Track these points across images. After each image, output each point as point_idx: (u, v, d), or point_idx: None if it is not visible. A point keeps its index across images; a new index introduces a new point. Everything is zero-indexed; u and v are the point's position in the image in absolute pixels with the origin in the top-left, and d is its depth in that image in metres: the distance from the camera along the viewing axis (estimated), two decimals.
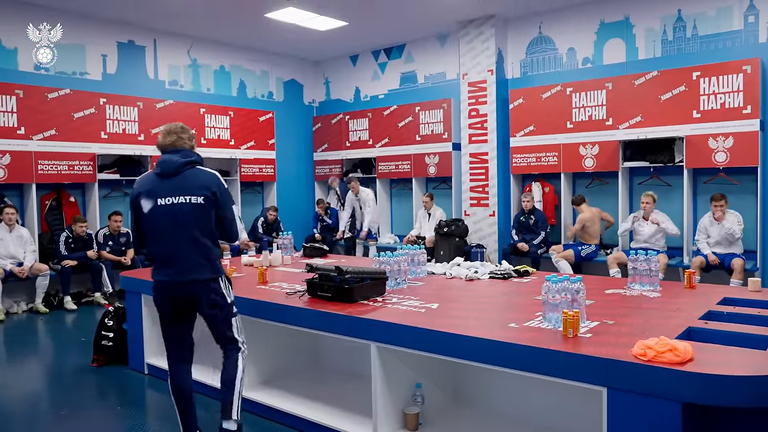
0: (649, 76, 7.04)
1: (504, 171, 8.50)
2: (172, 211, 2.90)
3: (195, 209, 2.91)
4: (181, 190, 2.91)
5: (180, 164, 2.94)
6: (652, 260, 3.59)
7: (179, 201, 2.90)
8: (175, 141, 3.01)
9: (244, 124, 9.43)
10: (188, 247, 2.90)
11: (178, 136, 3.02)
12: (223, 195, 2.98)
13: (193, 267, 2.91)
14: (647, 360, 2.16)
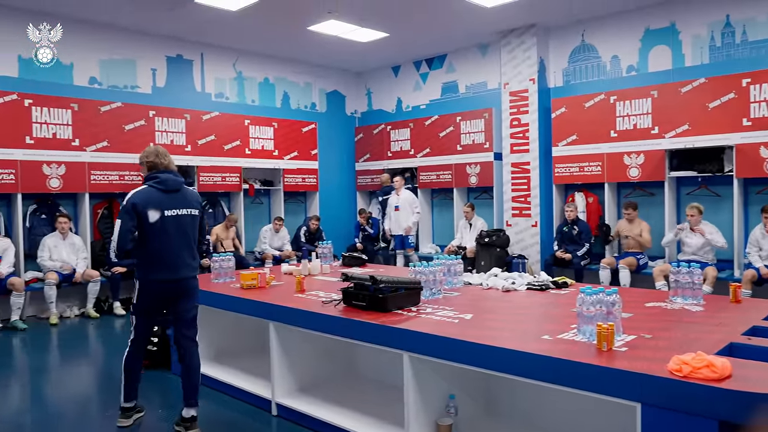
0: (697, 84, 6.85)
1: (546, 181, 8.40)
2: (177, 221, 3.46)
3: (193, 220, 3.55)
4: (184, 204, 3.50)
5: (180, 182, 3.55)
6: (695, 273, 3.49)
7: (183, 213, 3.49)
8: (168, 163, 3.56)
9: (287, 134, 9.61)
10: (187, 250, 3.52)
11: (168, 159, 3.57)
12: (200, 205, 3.64)
13: (188, 266, 3.53)
14: (683, 376, 2.11)
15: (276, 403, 3.83)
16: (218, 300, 4.34)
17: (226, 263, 4.88)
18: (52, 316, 6.78)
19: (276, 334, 3.82)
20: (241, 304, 4.12)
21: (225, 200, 9.27)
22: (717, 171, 6.79)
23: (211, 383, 4.42)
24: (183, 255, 3.50)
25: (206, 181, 8.58)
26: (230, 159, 8.87)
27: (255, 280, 4.40)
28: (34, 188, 7.11)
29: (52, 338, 6.22)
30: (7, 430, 3.70)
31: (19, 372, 5.15)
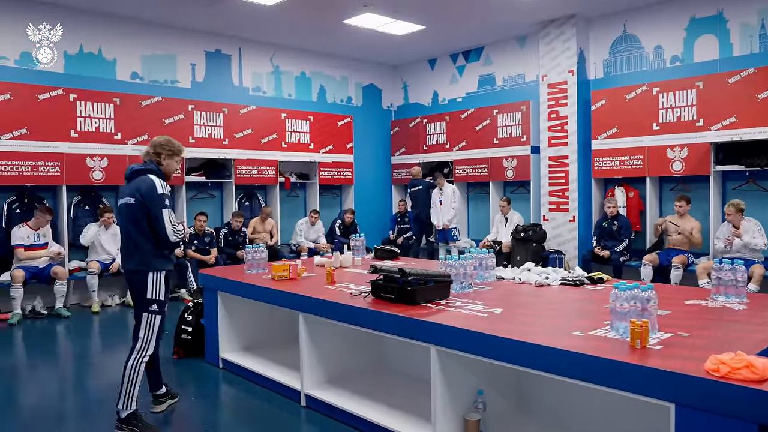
0: (745, 74, 6.57)
1: (585, 175, 8.20)
2: (120, 211, 3.49)
3: (128, 209, 3.40)
4: (124, 193, 3.46)
5: (128, 172, 3.49)
6: (738, 270, 3.34)
7: (122, 202, 3.46)
8: (146, 155, 3.52)
9: (323, 128, 9.64)
10: (126, 241, 3.46)
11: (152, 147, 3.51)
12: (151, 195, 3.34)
13: (126, 259, 3.48)
14: (720, 376, 2.01)
15: (305, 394, 3.84)
16: (250, 290, 4.38)
17: (258, 255, 4.92)
18: (94, 305, 6.98)
19: (306, 326, 3.83)
20: (272, 294, 4.14)
21: (261, 193, 9.37)
22: (766, 165, 6.50)
23: (242, 372, 4.47)
24: (123, 246, 3.51)
25: (243, 175, 8.68)
26: (267, 152, 8.95)
27: (286, 271, 4.42)
28: (78, 180, 7.32)
29: (94, 325, 6.41)
30: (50, 414, 3.82)
31: (62, 358, 5.32)
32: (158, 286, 3.41)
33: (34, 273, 6.63)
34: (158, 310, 3.42)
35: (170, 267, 3.52)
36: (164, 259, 3.46)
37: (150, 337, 3.41)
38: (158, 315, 3.43)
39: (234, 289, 4.55)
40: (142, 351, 3.40)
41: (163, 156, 3.50)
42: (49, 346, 5.57)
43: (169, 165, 3.54)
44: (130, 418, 3.36)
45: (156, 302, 3.41)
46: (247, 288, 4.41)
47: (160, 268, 3.42)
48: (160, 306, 3.43)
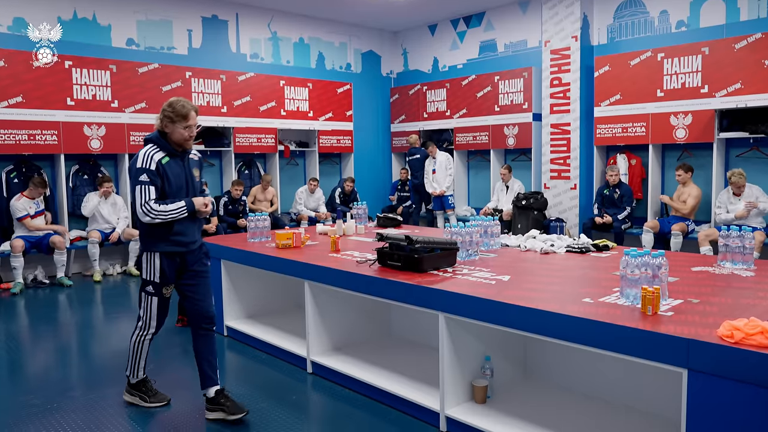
0: (752, 39, 6.47)
1: (587, 142, 8.14)
2: None
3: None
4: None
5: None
6: (746, 236, 3.33)
7: None
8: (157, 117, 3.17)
9: (322, 95, 9.52)
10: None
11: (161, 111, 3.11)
12: (131, 172, 3.10)
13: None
14: (734, 342, 2.01)
15: (311, 360, 3.86)
16: (254, 259, 4.37)
17: (261, 223, 4.89)
18: (96, 273, 6.97)
19: (311, 293, 3.82)
20: (277, 263, 4.13)
21: (261, 162, 9.30)
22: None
23: (248, 340, 4.49)
24: None
25: (242, 143, 8.60)
26: (265, 120, 8.85)
27: (290, 239, 4.40)
28: (76, 149, 7.24)
29: (96, 294, 6.41)
30: (53, 381, 3.84)
31: (65, 326, 5.33)
32: (152, 267, 3.15)
33: (33, 243, 6.60)
34: (153, 291, 3.19)
35: (169, 248, 3.12)
36: (158, 240, 3.11)
37: (149, 317, 3.24)
38: (154, 297, 3.20)
39: (238, 258, 4.53)
40: (143, 329, 3.27)
41: (164, 121, 3.08)
42: (52, 315, 5.58)
43: (173, 132, 3.08)
44: (139, 384, 3.37)
45: (150, 283, 3.17)
46: (251, 256, 4.39)
47: (152, 249, 3.13)
48: (155, 288, 3.18)
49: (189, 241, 3.18)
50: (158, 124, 3.11)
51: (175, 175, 3.11)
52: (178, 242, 3.14)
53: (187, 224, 3.16)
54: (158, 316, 3.27)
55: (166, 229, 3.11)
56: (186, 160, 3.19)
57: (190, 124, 3.08)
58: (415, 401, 3.15)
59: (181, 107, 3.05)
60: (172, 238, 3.12)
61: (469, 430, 2.88)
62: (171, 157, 3.10)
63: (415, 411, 3.17)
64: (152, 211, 3.00)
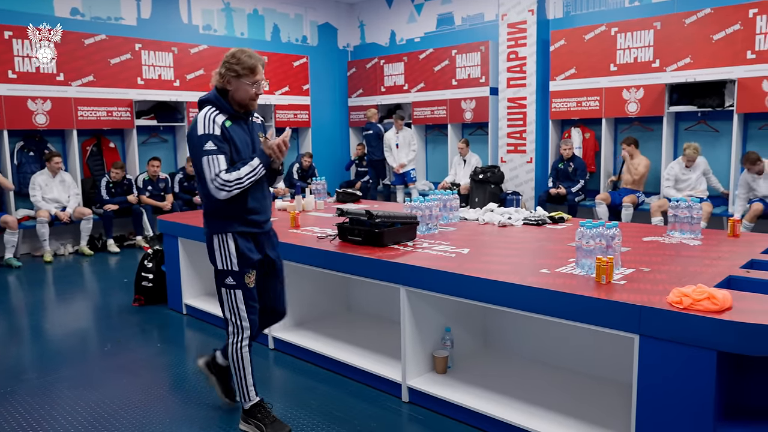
0: (701, 14, 6.63)
1: (543, 116, 8.26)
2: None
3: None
4: None
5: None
6: (693, 207, 3.46)
7: None
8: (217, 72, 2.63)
9: (278, 69, 9.34)
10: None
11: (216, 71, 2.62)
12: (192, 141, 2.54)
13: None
14: (683, 308, 2.10)
15: (272, 336, 3.85)
16: None
17: None
18: (46, 254, 6.74)
19: None
20: None
21: None
22: (717, 106, 6.67)
23: (207, 317, 4.44)
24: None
25: None
26: None
27: None
28: (20, 124, 6.94)
29: (47, 275, 6.22)
30: (6, 365, 3.72)
31: (15, 309, 5.16)
32: (226, 253, 2.61)
33: None
34: (234, 283, 2.63)
35: (243, 228, 2.62)
36: (229, 219, 2.60)
37: (238, 317, 2.66)
38: (237, 289, 2.63)
39: (196, 235, 4.45)
40: (237, 335, 2.67)
41: (227, 76, 2.56)
42: (2, 297, 5.38)
43: (237, 89, 2.57)
44: (255, 410, 2.72)
45: (228, 274, 2.62)
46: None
47: (223, 230, 2.60)
48: (235, 278, 2.62)
49: (263, 219, 2.71)
50: (217, 81, 2.59)
51: (242, 142, 2.60)
52: (252, 222, 2.65)
53: (260, 198, 2.66)
54: (249, 314, 2.67)
55: (239, 205, 2.59)
56: (249, 123, 2.69)
57: (258, 80, 2.60)
58: (377, 373, 3.19)
59: (247, 58, 2.57)
60: (247, 216, 2.63)
61: (431, 399, 2.94)
62: (233, 120, 2.59)
63: (377, 383, 3.22)
64: (226, 183, 2.47)
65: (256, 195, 2.64)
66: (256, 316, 2.71)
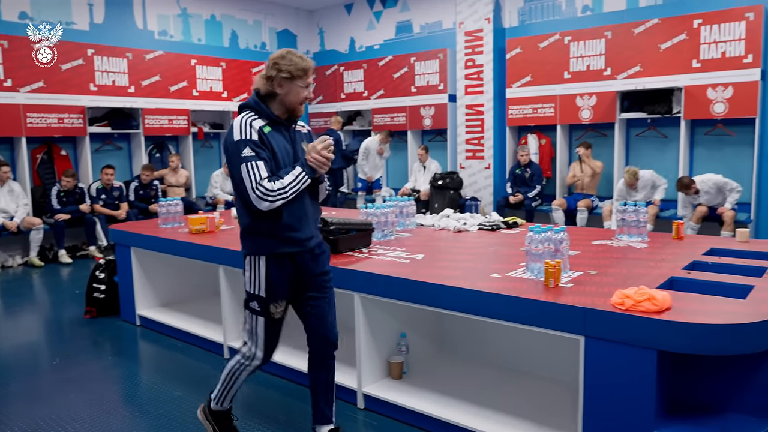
0: (650, 24, 6.86)
1: (500, 123, 8.39)
2: None
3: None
4: None
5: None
6: (640, 211, 3.57)
7: None
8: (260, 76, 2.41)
9: (236, 75, 9.26)
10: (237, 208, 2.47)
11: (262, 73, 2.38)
12: (229, 148, 2.31)
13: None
14: (625, 309, 2.16)
15: (228, 346, 3.80)
16: (166, 245, 4.22)
17: (173, 208, 4.73)
18: None
19: (226, 278, 3.75)
20: (190, 248, 4.02)
21: (173, 144, 8.95)
22: (665, 112, 6.90)
23: (162, 329, 4.36)
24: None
25: (152, 125, 8.24)
26: (177, 101, 8.52)
27: (204, 224, 4.29)
28: None
29: None
30: None
31: None
32: (255, 277, 2.38)
33: None
34: (259, 309, 2.41)
35: (279, 249, 2.36)
36: (264, 237, 2.36)
37: (255, 343, 2.46)
38: (260, 317, 2.42)
39: (149, 244, 4.37)
40: (246, 358, 2.50)
41: (279, 79, 2.31)
42: None
43: (288, 92, 2.33)
44: (219, 415, 2.66)
45: (255, 298, 2.40)
46: (163, 243, 4.25)
47: (257, 252, 2.37)
48: (261, 305, 2.40)
49: (304, 237, 2.39)
50: (262, 85, 2.35)
51: (282, 150, 2.36)
52: (289, 239, 2.36)
53: (298, 212, 2.37)
54: (266, 343, 2.47)
55: (274, 220, 2.33)
56: (291, 131, 2.44)
57: (310, 82, 2.38)
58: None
59: (300, 60, 2.33)
60: (284, 234, 2.35)
61: (386, 405, 2.95)
62: (273, 126, 2.35)
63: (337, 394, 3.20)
64: (269, 192, 2.24)
65: (293, 209, 2.34)
66: (273, 349, 2.52)
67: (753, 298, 2.28)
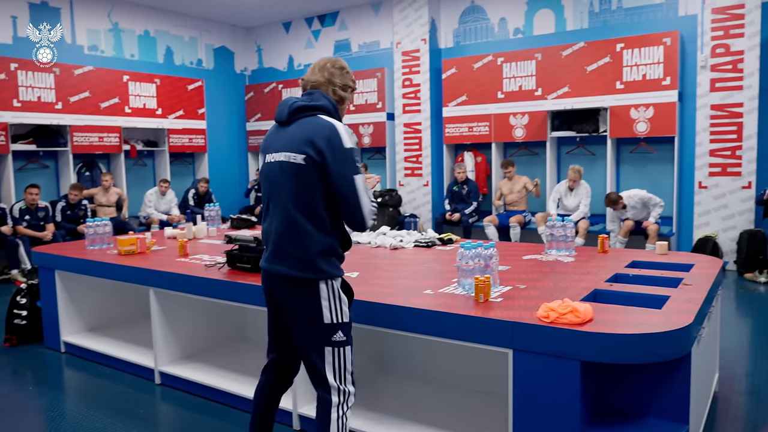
0: (576, 47, 7.18)
1: (437, 141, 8.55)
2: (272, 172, 2.15)
3: (295, 172, 2.08)
4: (285, 144, 2.12)
5: (295, 108, 2.14)
6: (567, 227, 3.70)
7: (280, 159, 2.12)
8: (317, 79, 2.23)
9: (171, 92, 9.07)
10: (282, 225, 2.11)
11: (324, 72, 2.22)
12: (337, 155, 2.06)
13: (282, 253, 2.11)
14: (549, 322, 2.23)
15: (159, 371, 3.68)
16: (93, 267, 4.06)
17: (101, 229, 4.56)
18: None
19: (157, 301, 3.64)
20: (118, 270, 3.88)
21: (104, 162, 8.65)
22: (593, 131, 7.21)
23: (88, 355, 4.17)
24: (276, 230, 2.13)
25: (81, 142, 7.95)
26: (108, 118, 8.25)
27: (134, 245, 4.15)
28: None
29: None
30: None
31: None
32: (337, 302, 2.13)
33: None
34: (345, 338, 2.16)
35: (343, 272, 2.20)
36: (339, 258, 2.18)
37: (344, 379, 2.15)
38: (347, 345, 2.17)
39: (74, 267, 4.19)
40: (344, 402, 2.15)
41: (346, 89, 2.25)
42: None
43: (347, 106, 2.31)
44: None
45: (340, 327, 2.14)
46: (89, 265, 4.08)
47: (333, 275, 2.13)
48: (346, 331, 2.16)
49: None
50: (328, 90, 2.22)
51: None
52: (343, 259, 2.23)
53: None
54: (354, 373, 2.22)
55: (344, 239, 2.20)
56: None
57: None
58: None
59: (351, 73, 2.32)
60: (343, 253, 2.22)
61: None
62: None
63: None
64: (374, 210, 2.15)
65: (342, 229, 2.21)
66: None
67: (668, 309, 2.40)
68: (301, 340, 2.16)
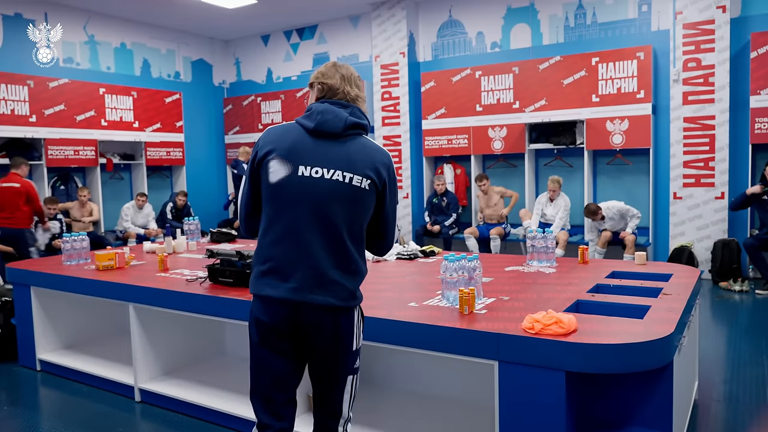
0: (553, 61, 7.30)
1: (417, 153, 8.60)
2: (317, 189, 1.87)
3: (354, 196, 1.89)
4: (341, 162, 1.89)
5: (349, 124, 1.92)
6: (548, 238, 3.74)
7: (334, 177, 1.87)
8: (349, 90, 1.99)
9: (148, 105, 8.99)
10: (327, 250, 1.88)
11: (354, 83, 2.01)
12: (394, 184, 1.99)
13: (325, 281, 1.87)
14: (534, 333, 2.25)
15: (139, 388, 3.61)
16: (70, 283, 3.98)
17: (78, 243, 4.49)
18: None
19: (137, 317, 3.58)
20: (96, 286, 3.81)
21: (80, 176, 8.53)
22: (570, 143, 7.32)
23: (66, 373, 4.08)
24: (319, 256, 1.87)
25: (56, 155, 7.83)
26: (84, 131, 8.15)
27: (112, 260, 4.09)
28: None
29: None
30: None
31: None
32: (361, 328, 2.03)
33: None
34: (359, 364, 2.05)
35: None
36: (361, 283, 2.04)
37: (352, 406, 2.04)
38: (358, 372, 2.05)
39: (50, 283, 4.11)
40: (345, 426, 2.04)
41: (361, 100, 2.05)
42: None
43: None
44: None
45: (358, 353, 2.02)
46: (66, 281, 4.00)
47: (359, 301, 2.01)
48: (360, 356, 2.05)
49: None
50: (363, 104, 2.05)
51: None
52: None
53: None
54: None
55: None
56: None
57: None
58: (249, 418, 3.09)
59: None
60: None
61: None
62: None
63: (249, 428, 3.10)
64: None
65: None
66: None
67: (649, 318, 2.44)
68: (330, 375, 1.95)
